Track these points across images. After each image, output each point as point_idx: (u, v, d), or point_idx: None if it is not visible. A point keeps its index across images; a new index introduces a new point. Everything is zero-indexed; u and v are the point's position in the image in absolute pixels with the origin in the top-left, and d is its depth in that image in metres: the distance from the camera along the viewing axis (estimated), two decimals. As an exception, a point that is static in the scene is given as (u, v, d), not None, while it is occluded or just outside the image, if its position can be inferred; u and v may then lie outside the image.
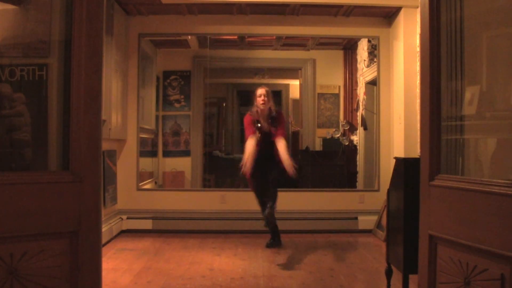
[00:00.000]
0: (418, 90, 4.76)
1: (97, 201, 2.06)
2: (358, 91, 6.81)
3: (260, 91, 4.73)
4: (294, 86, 7.58)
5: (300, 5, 5.22)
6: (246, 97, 5.51)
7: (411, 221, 2.71)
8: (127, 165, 5.46)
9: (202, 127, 6.94)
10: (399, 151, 5.15)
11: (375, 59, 5.82)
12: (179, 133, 6.87)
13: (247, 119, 4.77)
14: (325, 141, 7.03)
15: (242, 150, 4.77)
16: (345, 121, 7.02)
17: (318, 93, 7.10)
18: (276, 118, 4.72)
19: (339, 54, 7.20)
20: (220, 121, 7.77)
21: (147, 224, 5.36)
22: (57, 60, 2.17)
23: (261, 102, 4.68)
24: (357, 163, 6.68)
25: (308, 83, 7.10)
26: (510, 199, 1.79)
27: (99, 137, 2.06)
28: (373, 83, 6.04)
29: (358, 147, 6.70)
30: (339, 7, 5.27)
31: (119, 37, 5.09)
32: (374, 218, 5.42)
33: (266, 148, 4.63)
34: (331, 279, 3.68)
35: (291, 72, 7.53)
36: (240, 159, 4.62)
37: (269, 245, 4.74)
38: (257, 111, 4.71)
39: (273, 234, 4.82)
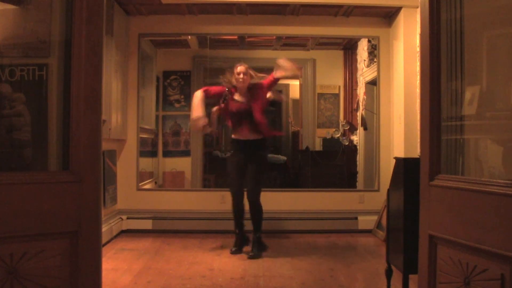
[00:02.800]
0: (418, 90, 4.76)
1: (97, 201, 2.06)
2: (358, 91, 6.81)
3: (240, 68, 4.39)
4: (294, 86, 7.57)
5: (300, 5, 5.22)
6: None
7: (411, 221, 2.71)
8: (127, 165, 5.46)
9: (202, 127, 6.93)
10: (399, 151, 5.15)
11: (375, 59, 5.82)
12: (179, 133, 6.87)
13: (220, 88, 4.45)
14: (325, 141, 7.03)
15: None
16: (345, 121, 7.02)
17: (318, 93, 7.10)
18: (255, 89, 4.39)
19: (339, 54, 7.19)
20: (220, 121, 7.76)
21: (147, 224, 5.36)
22: (57, 60, 2.17)
23: (240, 79, 4.37)
24: (357, 163, 6.68)
25: (308, 83, 7.10)
26: (510, 199, 1.78)
27: (99, 137, 2.06)
28: (373, 83, 6.03)
29: (358, 147, 6.69)
30: (339, 7, 5.26)
31: (119, 37, 5.09)
32: (374, 218, 5.42)
33: (247, 130, 4.37)
34: (331, 279, 3.68)
35: (291, 72, 7.52)
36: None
37: (236, 252, 4.41)
38: (233, 86, 4.43)
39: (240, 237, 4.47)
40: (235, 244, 4.49)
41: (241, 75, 4.38)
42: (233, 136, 4.51)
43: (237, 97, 4.46)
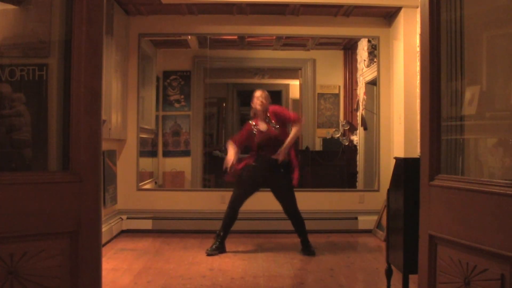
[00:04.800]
0: (418, 90, 4.76)
1: (97, 201, 2.06)
2: (358, 91, 6.81)
3: (258, 93, 4.63)
4: (294, 86, 7.58)
5: (300, 5, 5.22)
6: (246, 97, 5.52)
7: (411, 221, 2.71)
8: (127, 165, 5.46)
9: (202, 127, 6.94)
10: (399, 151, 5.15)
11: (375, 59, 5.82)
12: (179, 133, 6.87)
13: (246, 125, 4.73)
14: (325, 141, 7.03)
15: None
16: (345, 121, 7.02)
17: (318, 93, 7.11)
18: (272, 116, 4.58)
19: (339, 54, 7.20)
20: (220, 121, 7.77)
21: (147, 224, 5.36)
22: (57, 60, 2.17)
23: (258, 103, 4.58)
24: (357, 163, 6.68)
25: (308, 83, 7.10)
26: (510, 199, 1.78)
27: (99, 137, 2.06)
28: (373, 83, 6.03)
29: (358, 147, 6.69)
30: (339, 7, 5.26)
31: (119, 37, 5.09)
32: (374, 218, 5.42)
33: (270, 154, 4.50)
34: (331, 279, 3.68)
35: (291, 72, 7.53)
36: (239, 160, 4.62)
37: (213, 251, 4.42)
38: (254, 114, 4.65)
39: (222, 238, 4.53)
40: (220, 246, 4.48)
41: (260, 99, 4.58)
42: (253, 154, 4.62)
43: (260, 125, 4.59)
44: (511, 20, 2.21)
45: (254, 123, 4.63)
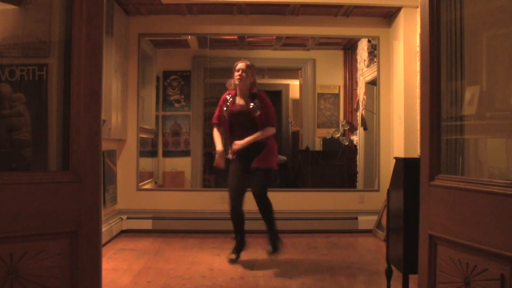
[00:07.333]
0: (418, 90, 4.76)
1: (97, 201, 2.06)
2: (358, 91, 6.81)
3: (240, 65, 4.11)
4: (294, 86, 7.58)
5: (300, 5, 5.22)
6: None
7: (411, 221, 2.71)
8: (127, 165, 5.46)
9: (202, 127, 6.94)
10: (399, 151, 5.15)
11: (375, 59, 5.82)
12: (179, 133, 6.87)
13: (222, 98, 4.24)
14: (325, 141, 7.03)
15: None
16: (345, 121, 7.02)
17: (318, 93, 7.10)
18: (259, 98, 4.10)
19: (339, 54, 7.20)
20: (220, 121, 7.75)
21: (147, 224, 5.36)
22: (57, 60, 2.17)
23: (237, 77, 4.07)
24: (357, 163, 6.68)
25: (308, 83, 7.10)
26: (510, 199, 1.78)
27: (99, 137, 2.06)
28: (373, 83, 6.04)
29: (358, 147, 6.70)
30: (339, 7, 5.27)
31: (119, 37, 5.09)
32: (374, 218, 5.42)
33: (247, 135, 4.07)
34: (331, 279, 3.68)
35: (291, 72, 7.53)
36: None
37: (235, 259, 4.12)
38: (234, 87, 4.17)
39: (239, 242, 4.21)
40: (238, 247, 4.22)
41: (240, 72, 4.09)
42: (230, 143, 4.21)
43: (238, 100, 4.17)
44: (511, 20, 2.21)
45: (230, 95, 4.19)
